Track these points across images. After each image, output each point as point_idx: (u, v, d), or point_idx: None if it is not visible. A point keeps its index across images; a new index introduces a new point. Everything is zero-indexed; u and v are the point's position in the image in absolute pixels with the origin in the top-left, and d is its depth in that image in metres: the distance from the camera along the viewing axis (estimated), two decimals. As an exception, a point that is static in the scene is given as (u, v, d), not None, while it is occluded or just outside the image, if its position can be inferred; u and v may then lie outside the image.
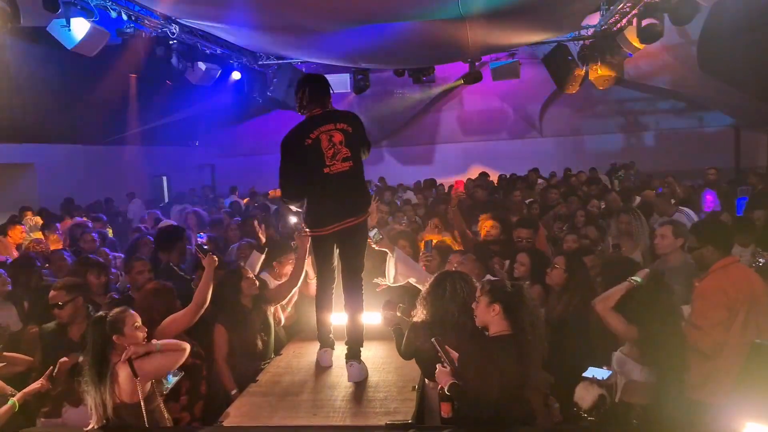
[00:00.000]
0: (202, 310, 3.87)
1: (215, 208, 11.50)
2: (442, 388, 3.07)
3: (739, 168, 15.74)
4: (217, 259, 4.05)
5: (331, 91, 4.07)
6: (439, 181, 13.22)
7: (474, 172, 14.68)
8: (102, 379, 3.04)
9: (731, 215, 6.46)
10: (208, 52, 10.20)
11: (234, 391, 4.00)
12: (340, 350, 4.31)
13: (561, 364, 4.00)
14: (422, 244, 5.32)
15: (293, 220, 4.38)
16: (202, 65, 9.98)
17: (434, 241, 5.49)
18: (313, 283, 4.81)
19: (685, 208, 6.76)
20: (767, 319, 3.55)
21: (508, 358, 3.01)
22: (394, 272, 4.30)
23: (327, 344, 4.24)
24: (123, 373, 3.07)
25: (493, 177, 13.69)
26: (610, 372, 3.61)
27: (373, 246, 4.26)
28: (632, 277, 3.57)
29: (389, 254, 4.31)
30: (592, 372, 3.65)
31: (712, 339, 3.47)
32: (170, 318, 3.75)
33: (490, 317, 3.15)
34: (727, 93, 13.92)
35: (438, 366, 3.15)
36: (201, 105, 17.99)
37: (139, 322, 3.22)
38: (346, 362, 3.99)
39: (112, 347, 3.12)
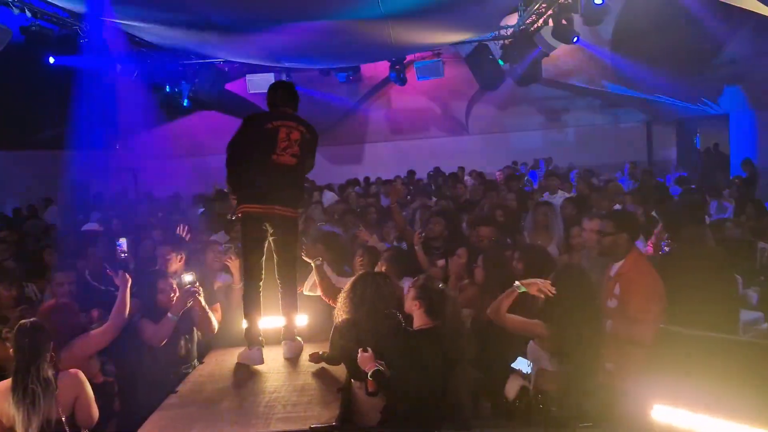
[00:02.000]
0: (119, 331, 3.72)
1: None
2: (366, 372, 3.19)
3: (651, 161, 16.58)
4: (129, 278, 3.89)
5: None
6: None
7: (403, 171, 14.80)
8: (46, 392, 2.93)
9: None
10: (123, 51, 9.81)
11: None
12: (266, 351, 4.25)
13: (489, 361, 4.07)
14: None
15: (187, 278, 4.31)
16: (117, 65, 9.61)
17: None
18: (237, 288, 4.80)
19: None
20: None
21: (428, 350, 3.14)
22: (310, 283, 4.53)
23: (256, 343, 4.19)
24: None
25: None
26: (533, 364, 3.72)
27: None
28: (516, 284, 3.62)
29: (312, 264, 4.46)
30: (519, 363, 3.75)
31: (653, 330, 3.58)
32: (83, 338, 3.56)
33: (413, 310, 3.37)
34: (638, 90, 14.64)
35: (360, 351, 3.24)
36: (120, 106, 17.31)
37: None
38: (282, 342, 4.28)
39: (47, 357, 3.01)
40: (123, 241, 4.48)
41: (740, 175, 11.47)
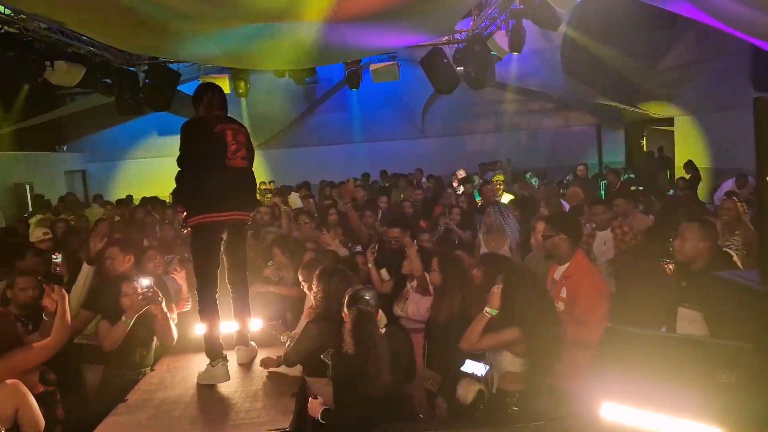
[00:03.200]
0: (61, 346, 3.58)
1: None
2: (316, 419, 3.19)
3: (601, 163, 17.04)
4: (66, 294, 3.68)
5: None
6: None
7: (359, 174, 14.82)
8: None
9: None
10: (70, 50, 9.52)
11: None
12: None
13: (448, 363, 4.09)
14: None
15: (144, 282, 4.17)
16: (63, 65, 9.29)
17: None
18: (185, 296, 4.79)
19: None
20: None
21: (348, 372, 3.16)
22: None
23: (219, 356, 3.97)
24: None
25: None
26: (488, 367, 3.75)
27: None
28: (487, 309, 3.60)
29: None
30: (470, 367, 3.76)
31: (598, 332, 3.65)
32: (24, 351, 3.41)
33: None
34: (589, 94, 15.03)
35: (310, 399, 3.30)
36: (68, 107, 16.83)
37: None
38: (236, 348, 4.21)
39: None
40: (59, 255, 4.27)
41: (683, 177, 11.89)
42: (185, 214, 4.05)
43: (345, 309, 3.27)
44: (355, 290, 3.32)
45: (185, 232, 4.26)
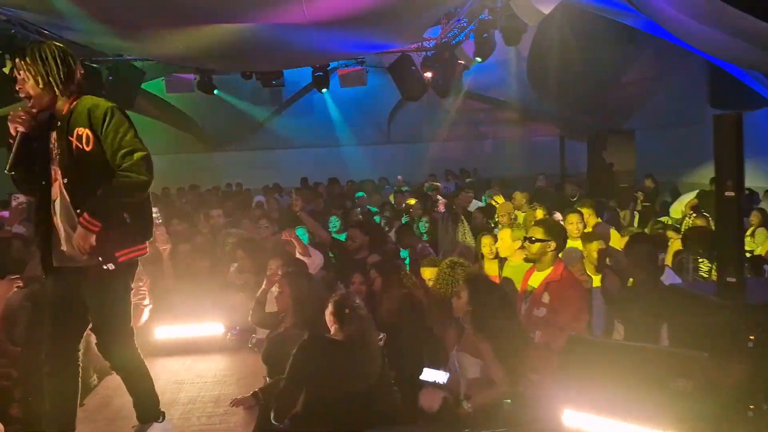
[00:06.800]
0: None
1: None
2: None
3: (564, 173, 17.34)
4: None
5: None
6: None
7: (324, 178, 14.76)
8: None
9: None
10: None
11: None
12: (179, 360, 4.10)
13: (401, 362, 4.10)
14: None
15: None
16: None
17: None
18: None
19: None
20: None
21: (334, 360, 3.18)
22: None
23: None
24: None
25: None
26: (448, 374, 3.77)
27: None
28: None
29: None
30: (430, 375, 3.77)
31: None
32: None
33: (330, 324, 3.37)
34: (553, 105, 15.32)
35: None
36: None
37: None
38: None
39: None
40: None
41: (643, 189, 12.18)
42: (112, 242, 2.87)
43: (331, 316, 3.35)
44: (339, 296, 3.48)
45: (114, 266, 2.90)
